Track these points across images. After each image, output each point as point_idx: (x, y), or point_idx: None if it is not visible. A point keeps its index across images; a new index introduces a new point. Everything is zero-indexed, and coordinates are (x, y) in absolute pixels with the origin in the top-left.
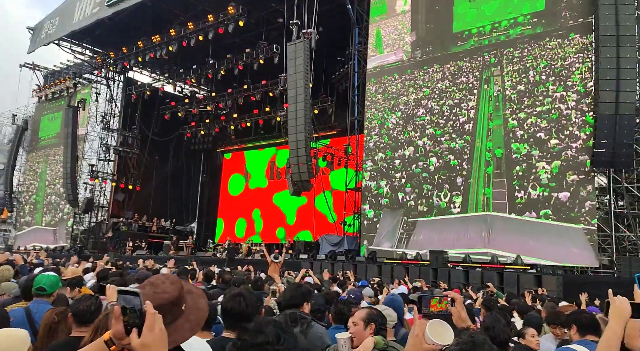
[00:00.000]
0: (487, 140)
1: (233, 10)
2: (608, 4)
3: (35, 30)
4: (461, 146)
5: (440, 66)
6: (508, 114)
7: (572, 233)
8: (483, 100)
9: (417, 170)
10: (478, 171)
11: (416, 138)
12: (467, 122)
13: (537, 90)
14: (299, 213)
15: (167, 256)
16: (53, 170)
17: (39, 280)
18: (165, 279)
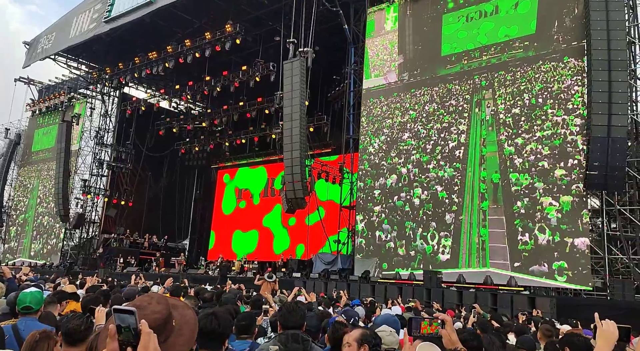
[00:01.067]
0: (481, 168)
1: (231, 28)
2: (600, 29)
3: (31, 45)
4: (450, 175)
5: (428, 89)
6: (503, 139)
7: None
8: (474, 124)
9: (399, 202)
10: (471, 205)
11: (400, 165)
12: (457, 148)
13: (535, 114)
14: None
15: (157, 274)
16: (46, 186)
17: (23, 299)
18: (150, 299)
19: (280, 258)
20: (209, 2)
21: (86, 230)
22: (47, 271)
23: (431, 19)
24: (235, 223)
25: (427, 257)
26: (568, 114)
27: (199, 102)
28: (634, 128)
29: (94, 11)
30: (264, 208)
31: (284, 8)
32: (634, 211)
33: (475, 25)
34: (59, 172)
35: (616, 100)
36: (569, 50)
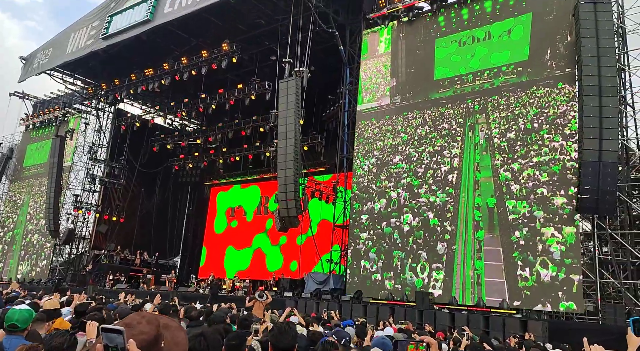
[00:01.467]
0: (475, 194)
1: (227, 47)
2: (590, 56)
3: (27, 60)
4: (443, 200)
5: (420, 112)
6: (498, 164)
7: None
8: (468, 148)
9: (388, 229)
10: (465, 234)
11: (390, 188)
12: (450, 172)
13: (531, 138)
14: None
15: (147, 291)
16: (37, 202)
17: (11, 316)
18: (141, 318)
19: (272, 276)
20: (207, 21)
21: (76, 246)
22: (35, 287)
23: (424, 43)
24: (228, 241)
25: (417, 292)
26: (566, 139)
27: (194, 119)
28: (624, 153)
29: (91, 28)
30: (258, 226)
31: (281, 28)
32: (624, 236)
33: (468, 50)
34: (51, 187)
35: (607, 125)
36: (562, 77)
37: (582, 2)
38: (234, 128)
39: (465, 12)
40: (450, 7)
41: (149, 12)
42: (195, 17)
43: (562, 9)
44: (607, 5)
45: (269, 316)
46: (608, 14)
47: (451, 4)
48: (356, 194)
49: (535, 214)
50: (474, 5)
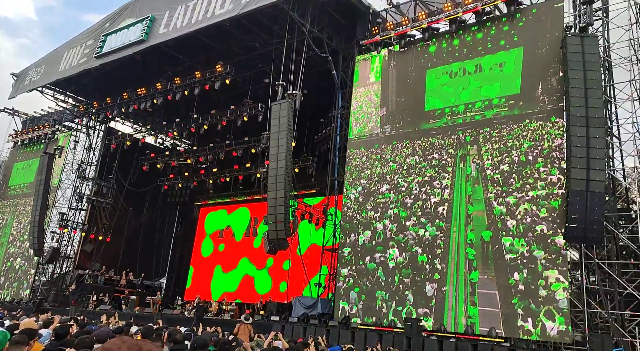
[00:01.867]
0: (467, 229)
1: (221, 68)
2: (578, 87)
3: (19, 76)
4: (432, 234)
5: (410, 142)
6: (492, 197)
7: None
8: (459, 179)
9: (371, 265)
10: (457, 274)
11: (376, 219)
12: (441, 204)
13: (525, 171)
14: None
15: (132, 313)
16: (21, 223)
17: None
18: (121, 343)
19: (260, 299)
20: (202, 43)
21: (60, 265)
22: (15, 307)
23: (415, 73)
24: (215, 262)
25: (406, 318)
26: (563, 173)
27: (185, 139)
28: (611, 183)
29: (85, 46)
30: (246, 248)
31: (275, 51)
32: (612, 265)
33: (459, 81)
34: (37, 204)
35: (594, 155)
36: (555, 111)
37: (570, 36)
38: (225, 149)
39: (456, 42)
40: (442, 36)
41: (144, 32)
42: (190, 38)
43: (553, 43)
44: (593, 39)
45: (255, 341)
46: (594, 48)
47: (443, 33)
48: (341, 224)
49: (535, 255)
50: (466, 36)
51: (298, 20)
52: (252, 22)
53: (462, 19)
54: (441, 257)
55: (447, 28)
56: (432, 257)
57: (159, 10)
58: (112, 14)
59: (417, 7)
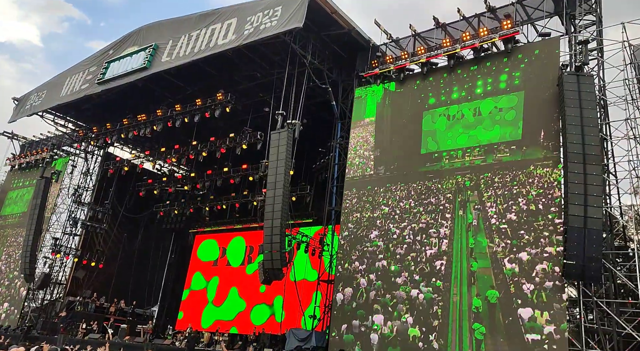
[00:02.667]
0: (471, 293)
1: (222, 96)
2: (575, 124)
3: (20, 101)
4: (428, 297)
5: (405, 185)
6: (500, 252)
7: None
8: (458, 228)
9: (348, 337)
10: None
11: (360, 273)
12: (438, 257)
13: (538, 223)
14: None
15: (122, 343)
16: (11, 256)
17: None
18: None
19: (253, 331)
20: (203, 71)
21: (50, 291)
22: (3, 333)
23: (411, 113)
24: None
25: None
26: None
27: (183, 165)
28: (608, 221)
29: (88, 73)
30: (241, 277)
31: (275, 81)
32: (610, 304)
33: (456, 124)
34: (31, 228)
35: (591, 192)
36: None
37: (566, 74)
38: (223, 176)
39: (455, 84)
40: (440, 75)
41: (147, 60)
42: (191, 67)
43: (554, 86)
44: (589, 78)
45: None
46: (590, 86)
47: (441, 68)
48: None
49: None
50: (464, 75)
51: (299, 52)
52: (253, 52)
53: (461, 54)
54: (439, 331)
55: (446, 63)
56: (426, 330)
57: (163, 39)
58: (116, 41)
59: (417, 42)
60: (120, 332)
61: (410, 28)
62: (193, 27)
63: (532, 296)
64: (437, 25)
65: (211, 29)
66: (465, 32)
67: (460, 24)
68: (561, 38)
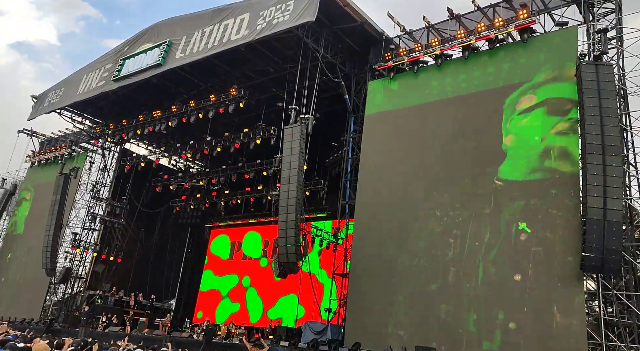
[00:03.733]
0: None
1: (235, 92)
2: (593, 115)
3: (38, 98)
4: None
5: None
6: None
7: None
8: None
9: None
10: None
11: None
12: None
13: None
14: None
15: (141, 335)
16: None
17: None
18: None
19: (269, 323)
20: (216, 67)
21: (71, 285)
22: (26, 327)
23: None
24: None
25: (417, 346)
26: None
27: (198, 161)
28: (628, 212)
29: (104, 70)
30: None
31: (288, 76)
32: (630, 297)
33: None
34: (51, 224)
35: (611, 184)
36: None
37: (585, 64)
38: (238, 171)
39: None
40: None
41: (161, 56)
42: (205, 62)
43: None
44: (608, 67)
45: None
46: (609, 76)
47: (455, 60)
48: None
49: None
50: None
51: (312, 46)
52: (266, 47)
53: (475, 46)
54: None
55: (460, 55)
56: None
57: (176, 36)
58: (131, 38)
59: (430, 33)
60: (139, 325)
61: (423, 20)
62: (206, 23)
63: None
64: (451, 16)
65: (224, 24)
66: (480, 23)
67: (475, 15)
68: (579, 27)
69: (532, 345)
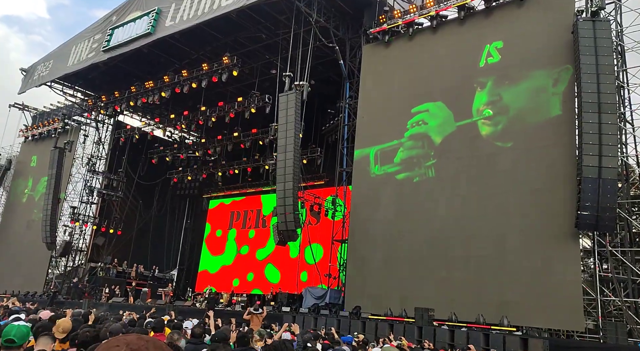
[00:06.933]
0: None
1: (228, 60)
2: (590, 73)
3: (28, 71)
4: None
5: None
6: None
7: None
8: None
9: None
10: None
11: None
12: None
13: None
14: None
15: (144, 305)
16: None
17: (9, 331)
18: (146, 343)
19: (271, 289)
20: (207, 35)
21: (72, 258)
22: (30, 300)
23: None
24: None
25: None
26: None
27: (193, 131)
28: (624, 170)
29: (93, 41)
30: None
31: (281, 42)
32: (625, 253)
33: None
34: (48, 198)
35: (606, 142)
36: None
37: (581, 20)
38: (234, 141)
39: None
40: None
41: (150, 25)
42: (196, 31)
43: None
44: (605, 23)
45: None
46: (607, 32)
47: (451, 20)
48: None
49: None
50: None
51: (304, 10)
52: (258, 12)
53: (471, 5)
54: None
55: (456, 15)
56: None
57: (165, 3)
58: (119, 7)
59: None
60: (142, 295)
61: None
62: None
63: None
64: None
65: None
66: None
67: None
68: None
69: (529, 303)
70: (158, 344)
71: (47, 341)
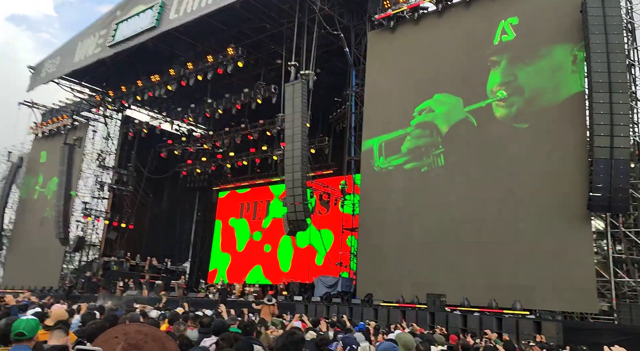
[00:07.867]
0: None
1: (232, 51)
2: (599, 52)
3: (35, 69)
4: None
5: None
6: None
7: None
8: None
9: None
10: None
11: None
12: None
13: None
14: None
15: (158, 297)
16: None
17: (18, 325)
18: (145, 337)
19: (283, 280)
20: (211, 26)
21: (86, 253)
22: (46, 295)
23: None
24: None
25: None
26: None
27: (200, 124)
28: (636, 150)
29: (98, 36)
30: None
31: (286, 31)
32: (638, 234)
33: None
34: (60, 194)
35: (617, 122)
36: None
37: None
38: (241, 132)
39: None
40: (454, 8)
41: (155, 18)
42: (200, 23)
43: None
44: (615, 1)
45: (278, 320)
46: (616, 10)
47: (457, 3)
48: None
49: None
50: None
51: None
52: (261, 2)
53: None
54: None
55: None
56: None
57: None
58: (123, 1)
59: None
60: (155, 288)
61: None
62: None
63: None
64: None
65: None
66: None
67: None
68: None
69: (541, 286)
70: (157, 336)
71: (60, 335)
